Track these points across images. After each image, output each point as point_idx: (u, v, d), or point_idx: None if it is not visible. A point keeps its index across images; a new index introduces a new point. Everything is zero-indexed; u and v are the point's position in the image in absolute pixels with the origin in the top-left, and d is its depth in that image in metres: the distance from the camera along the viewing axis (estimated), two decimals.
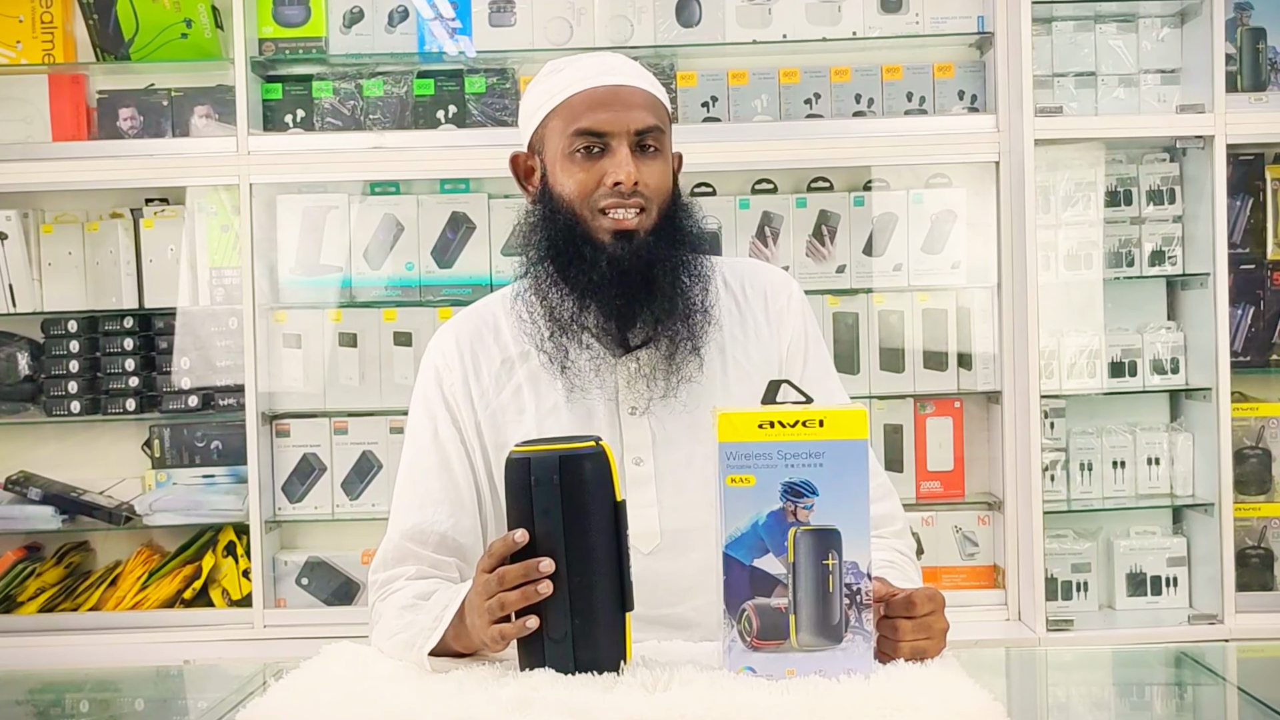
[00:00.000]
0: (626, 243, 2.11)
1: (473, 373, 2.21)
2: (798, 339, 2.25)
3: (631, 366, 2.15)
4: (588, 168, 2.13)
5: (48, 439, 4.11)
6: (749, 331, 2.23)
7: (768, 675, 1.72)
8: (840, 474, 1.72)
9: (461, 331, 2.26)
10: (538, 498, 1.74)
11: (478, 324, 2.27)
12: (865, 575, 1.73)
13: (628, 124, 2.12)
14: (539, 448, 1.77)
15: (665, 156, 2.18)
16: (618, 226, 2.11)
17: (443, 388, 2.22)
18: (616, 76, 2.16)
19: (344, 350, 4.00)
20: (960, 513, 3.99)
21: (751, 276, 2.29)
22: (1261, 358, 3.97)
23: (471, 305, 2.33)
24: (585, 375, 2.14)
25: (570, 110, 2.14)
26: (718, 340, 2.19)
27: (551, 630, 1.75)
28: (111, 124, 4.04)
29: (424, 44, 4.04)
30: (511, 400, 2.19)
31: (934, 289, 3.96)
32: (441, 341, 2.26)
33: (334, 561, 4.00)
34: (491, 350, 2.22)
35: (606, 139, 2.12)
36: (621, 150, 2.11)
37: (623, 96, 2.14)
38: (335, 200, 3.99)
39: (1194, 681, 2.27)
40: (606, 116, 2.12)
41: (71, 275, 4.03)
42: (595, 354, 2.15)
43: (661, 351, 2.14)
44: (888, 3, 3.98)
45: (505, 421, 2.18)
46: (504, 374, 2.21)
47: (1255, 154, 3.95)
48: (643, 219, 2.12)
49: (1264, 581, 3.91)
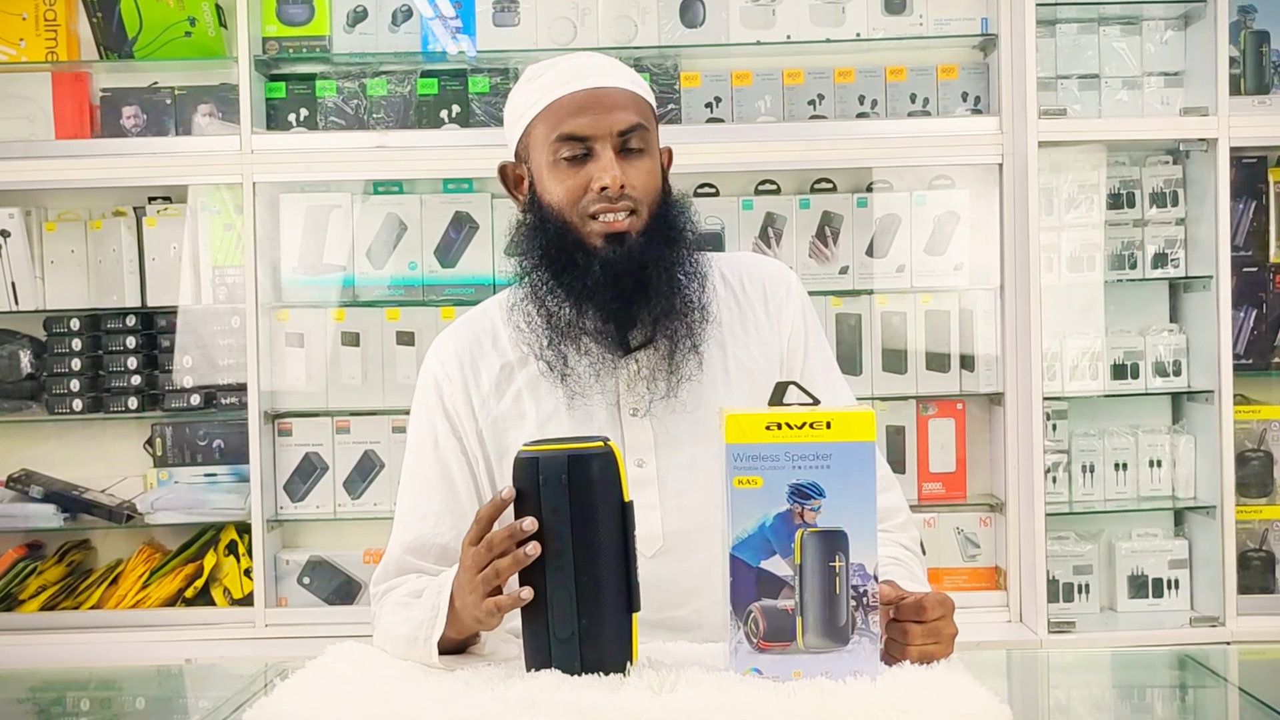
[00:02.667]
0: (618, 245, 2.10)
1: (473, 381, 2.20)
2: (797, 330, 2.24)
3: (631, 368, 2.14)
4: (574, 174, 2.11)
5: (49, 437, 4.11)
6: (749, 327, 2.22)
7: (774, 677, 1.72)
8: (848, 476, 1.72)
9: (460, 340, 2.24)
10: (545, 497, 1.74)
11: (476, 331, 2.25)
12: (872, 577, 1.73)
13: (610, 126, 2.10)
14: (547, 447, 1.77)
15: (652, 154, 2.16)
16: (608, 230, 2.10)
17: (443, 398, 2.20)
18: (595, 79, 2.14)
19: (346, 349, 4.00)
20: (962, 514, 3.99)
21: (749, 270, 2.28)
22: (1264, 361, 3.97)
23: (469, 312, 2.31)
24: (585, 380, 2.13)
25: (552, 116, 2.12)
26: (717, 337, 2.18)
27: (558, 630, 1.75)
28: (115, 122, 4.04)
29: (427, 43, 4.04)
30: (512, 406, 2.18)
31: (936, 290, 3.97)
32: (440, 351, 2.25)
33: (335, 561, 4.00)
34: (490, 357, 2.21)
35: (589, 143, 2.10)
36: (606, 154, 2.10)
37: (603, 98, 2.12)
38: (338, 199, 3.99)
39: (1196, 684, 2.27)
40: (587, 120, 2.10)
41: (74, 273, 4.03)
42: (594, 358, 2.13)
43: (661, 352, 2.13)
44: (892, 4, 3.99)
45: (506, 428, 2.17)
46: (504, 380, 2.19)
47: (1258, 157, 3.95)
48: (633, 220, 2.11)
49: (1265, 584, 3.91)
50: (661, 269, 2.11)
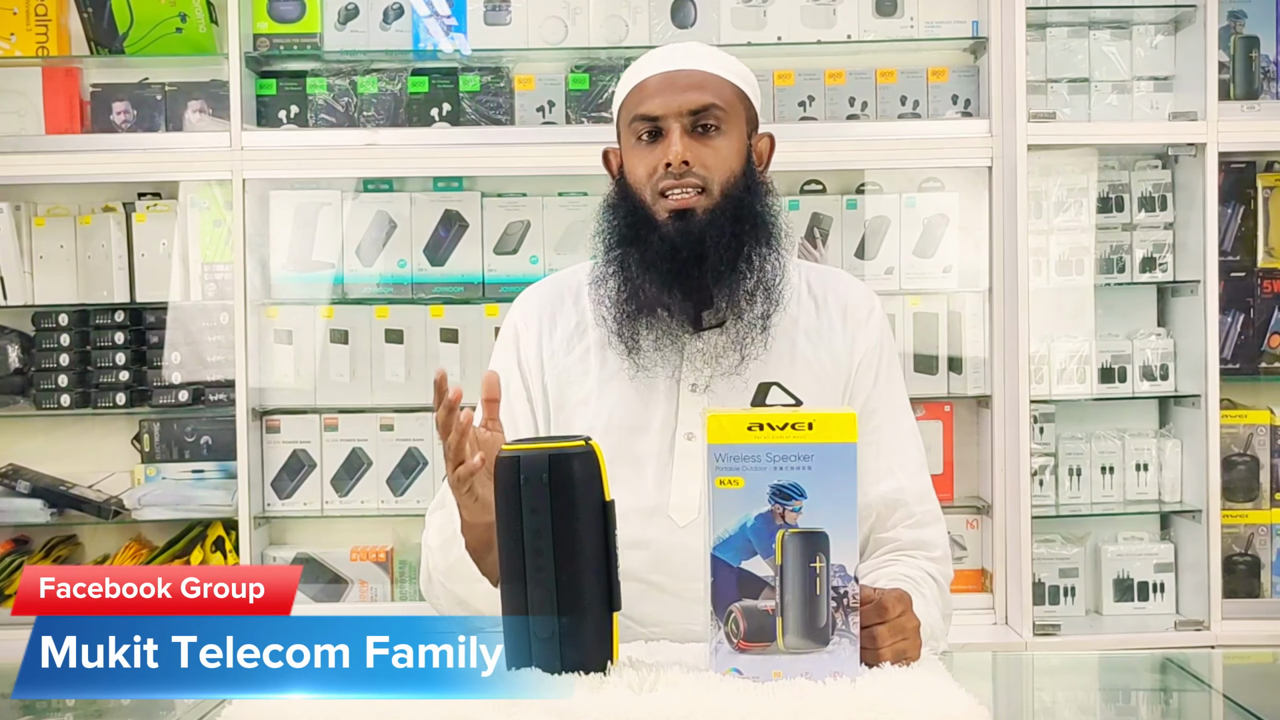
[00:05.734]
0: (682, 221, 2.15)
1: (548, 332, 2.28)
2: (871, 356, 2.27)
3: (698, 345, 2.19)
4: (648, 153, 2.18)
5: (37, 432, 4.11)
6: (823, 335, 2.25)
7: (754, 677, 1.72)
8: (829, 477, 1.72)
9: (544, 294, 2.34)
10: (526, 496, 1.74)
11: (560, 288, 2.33)
12: (852, 578, 1.74)
13: (679, 106, 2.16)
14: (528, 446, 1.77)
15: (730, 135, 2.19)
16: (676, 206, 2.15)
17: (519, 347, 2.29)
18: (674, 63, 2.21)
19: (335, 347, 4.00)
20: (949, 516, 3.92)
21: (835, 286, 2.32)
22: (1251, 365, 3.98)
23: (560, 272, 2.40)
24: (649, 355, 2.18)
25: (633, 99, 2.21)
26: (790, 334, 2.22)
27: (539, 629, 1.75)
28: (105, 117, 4.04)
29: (419, 41, 4.04)
30: (579, 362, 2.25)
31: (925, 293, 3.97)
32: (525, 301, 2.34)
33: (323, 558, 4.00)
34: (569, 312, 2.29)
35: (659, 122, 2.17)
36: (674, 132, 2.15)
37: (675, 80, 2.18)
38: (328, 197, 3.99)
39: (1179, 688, 2.28)
40: (658, 101, 2.17)
41: (63, 268, 4.02)
42: (660, 333, 2.18)
43: (730, 334, 2.18)
44: (882, 6, 3.99)
45: (570, 381, 2.24)
46: (576, 336, 2.27)
47: (1247, 162, 3.97)
48: (701, 199, 2.15)
49: (1250, 588, 3.92)
50: (722, 245, 2.14)
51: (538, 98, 4.01)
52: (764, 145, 2.28)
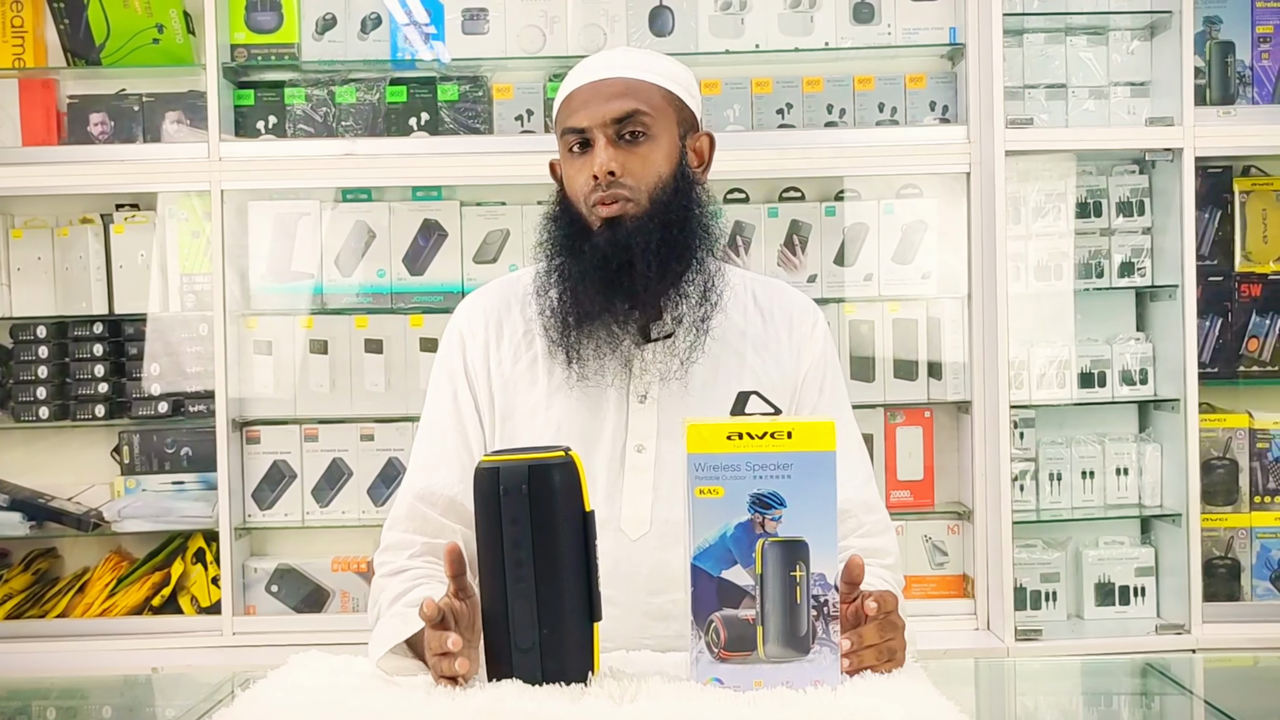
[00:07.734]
0: (611, 230, 2.14)
1: (494, 340, 2.26)
2: (816, 367, 2.27)
3: (646, 356, 2.18)
4: (581, 164, 2.18)
5: (16, 444, 4.09)
6: (770, 346, 2.26)
7: (735, 686, 1.72)
8: (808, 485, 1.72)
9: (489, 299, 2.31)
10: (506, 507, 1.74)
11: (506, 294, 2.31)
12: (833, 587, 1.74)
13: (603, 116, 2.16)
14: (508, 458, 1.77)
15: (659, 140, 2.18)
16: (606, 215, 2.15)
17: (465, 353, 2.27)
18: (601, 71, 2.20)
19: (315, 357, 3.99)
20: (930, 522, 4.00)
21: (780, 298, 2.32)
22: (1229, 369, 3.99)
23: (505, 276, 2.38)
24: (591, 364, 2.17)
25: (564, 112, 2.22)
26: (738, 346, 2.23)
27: (519, 640, 1.74)
28: (82, 129, 4.03)
29: (397, 51, 4.03)
30: (526, 371, 2.23)
31: (904, 299, 3.98)
32: (470, 307, 2.32)
33: (303, 569, 3.99)
34: (516, 320, 2.27)
35: (586, 133, 2.17)
36: (599, 143, 2.15)
37: (601, 89, 2.18)
38: (307, 207, 3.98)
39: (1160, 692, 2.28)
40: (584, 113, 2.17)
41: (41, 280, 4.01)
42: (601, 341, 2.17)
43: (676, 345, 2.17)
44: (860, 13, 4.00)
45: (516, 390, 2.23)
46: (524, 344, 2.25)
47: (1223, 167, 3.98)
48: (629, 206, 2.15)
49: (1230, 592, 3.93)
50: (650, 252, 2.13)
51: (516, 106, 4.01)
52: (703, 144, 2.27)
